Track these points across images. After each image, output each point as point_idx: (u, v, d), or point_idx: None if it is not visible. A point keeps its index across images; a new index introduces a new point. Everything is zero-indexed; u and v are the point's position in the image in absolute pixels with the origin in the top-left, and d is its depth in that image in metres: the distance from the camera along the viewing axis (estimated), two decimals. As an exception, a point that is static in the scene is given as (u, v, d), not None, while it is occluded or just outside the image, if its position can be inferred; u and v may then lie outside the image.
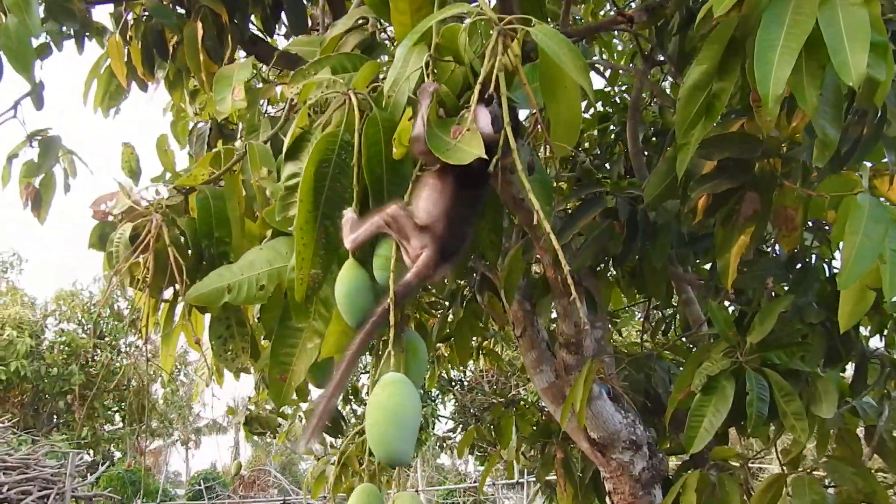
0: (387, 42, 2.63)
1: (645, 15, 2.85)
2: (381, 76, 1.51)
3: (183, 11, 2.87)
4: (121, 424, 20.60)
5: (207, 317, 1.87)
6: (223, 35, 2.69)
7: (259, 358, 1.87)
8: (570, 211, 3.06)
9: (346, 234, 1.39)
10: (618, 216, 2.76)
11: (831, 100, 1.61)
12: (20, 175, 3.35)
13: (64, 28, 3.99)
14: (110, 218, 1.82)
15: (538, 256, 3.34)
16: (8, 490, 8.39)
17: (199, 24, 2.64)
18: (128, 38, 3.02)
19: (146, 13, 2.90)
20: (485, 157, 1.25)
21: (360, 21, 1.74)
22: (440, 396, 14.19)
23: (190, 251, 1.81)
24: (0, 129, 3.79)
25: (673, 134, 2.23)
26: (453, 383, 13.65)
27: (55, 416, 18.45)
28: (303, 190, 1.36)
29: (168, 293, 1.88)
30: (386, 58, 1.78)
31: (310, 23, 3.31)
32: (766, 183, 2.12)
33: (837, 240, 1.84)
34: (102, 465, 15.61)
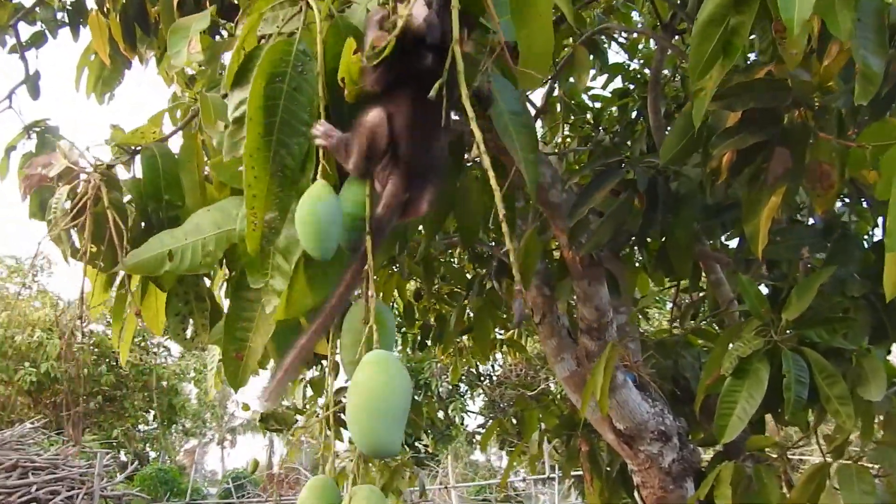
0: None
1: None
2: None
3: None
4: (154, 424, 20.77)
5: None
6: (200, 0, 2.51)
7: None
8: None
9: (344, 159, 1.20)
10: (636, 188, 2.53)
11: (872, 25, 1.38)
12: (18, 167, 3.24)
13: (59, 15, 3.87)
14: (50, 183, 1.65)
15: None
16: (37, 490, 8.40)
17: (172, -13, 2.47)
18: (105, 11, 2.85)
19: (121, -18, 2.73)
20: (421, 27, 1.08)
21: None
22: (469, 391, 14.01)
23: (135, 216, 1.64)
24: (-6, 119, 3.70)
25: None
26: (482, 378, 13.47)
27: (86, 417, 18.64)
28: (251, 107, 1.14)
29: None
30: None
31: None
32: (798, 136, 1.86)
33: (882, 197, 1.59)
34: (136, 463, 15.69)
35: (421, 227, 2.45)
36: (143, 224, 1.67)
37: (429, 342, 5.47)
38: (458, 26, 1.08)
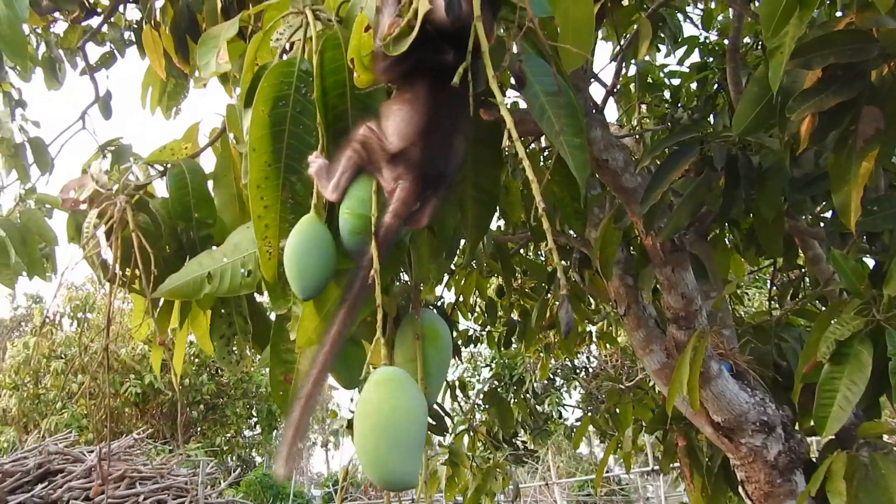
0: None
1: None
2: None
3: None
4: (258, 429, 21.31)
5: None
6: (244, 5, 2.47)
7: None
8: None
9: (324, 185, 1.10)
10: (714, 165, 2.36)
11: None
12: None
13: (125, 35, 3.95)
14: (83, 207, 1.62)
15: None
16: (144, 500, 8.66)
17: (217, -5, 2.43)
18: (153, 24, 2.85)
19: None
20: (443, 19, 0.96)
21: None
22: (564, 385, 13.78)
23: (165, 237, 1.59)
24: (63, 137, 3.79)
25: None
26: (577, 370, 13.23)
27: (191, 426, 19.26)
28: (253, 137, 1.08)
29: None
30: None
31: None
32: (888, 92, 1.66)
33: None
34: (237, 471, 16.10)
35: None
36: (175, 245, 1.62)
37: (514, 339, 5.36)
38: (479, 1, 0.96)
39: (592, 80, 4.42)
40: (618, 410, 4.52)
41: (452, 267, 4.40)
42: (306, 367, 1.14)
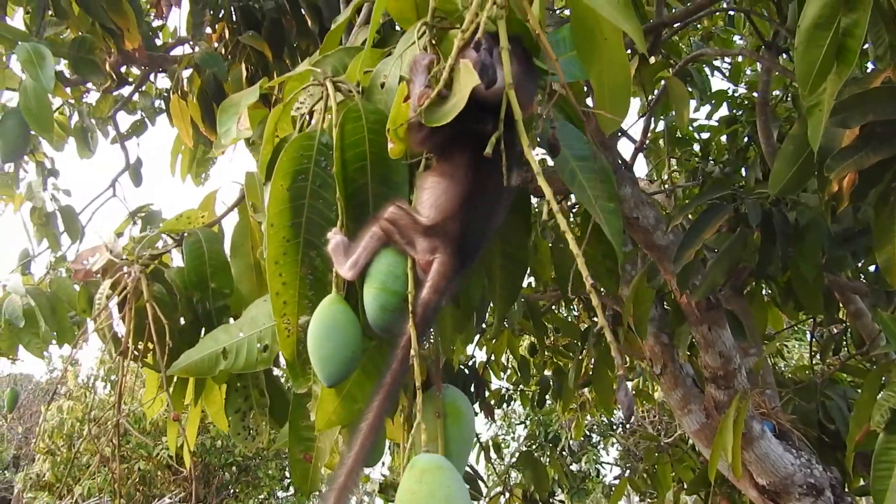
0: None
1: (750, -17, 2.42)
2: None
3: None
4: (291, 490, 21.07)
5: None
6: (269, 74, 2.50)
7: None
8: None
9: (341, 263, 1.06)
10: (749, 222, 2.30)
11: None
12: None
13: (156, 103, 4.03)
14: (97, 277, 1.60)
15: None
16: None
17: (243, 65, 2.47)
18: (180, 93, 2.89)
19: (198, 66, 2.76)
20: (486, 98, 0.93)
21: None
22: (601, 442, 13.48)
23: (181, 307, 1.55)
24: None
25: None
26: (615, 426, 12.95)
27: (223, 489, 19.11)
28: (272, 212, 1.05)
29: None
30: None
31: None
32: (931, 148, 1.61)
33: None
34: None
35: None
36: (190, 315, 1.59)
37: (548, 398, 5.26)
38: (508, 67, 0.92)
39: (621, 135, 4.41)
40: (656, 469, 4.38)
41: (483, 325, 4.35)
42: (341, 454, 1.09)
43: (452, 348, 1.29)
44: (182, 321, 1.55)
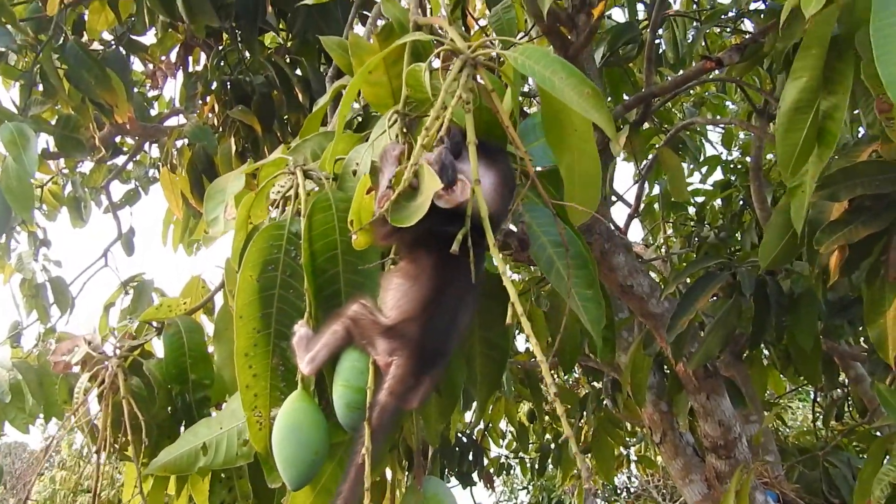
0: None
1: (736, 55, 2.44)
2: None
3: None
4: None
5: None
6: (259, 148, 2.50)
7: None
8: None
9: (301, 357, 1.03)
10: (742, 290, 2.28)
11: None
12: (118, 323, 3.32)
13: (150, 172, 4.04)
14: (75, 369, 1.56)
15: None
16: None
17: (232, 139, 2.47)
18: (170, 166, 2.89)
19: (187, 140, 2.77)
20: (443, 199, 0.90)
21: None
22: (605, 507, 13.21)
23: (160, 401, 1.50)
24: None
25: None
26: (619, 491, 12.69)
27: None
28: (241, 303, 1.03)
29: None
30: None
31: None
32: (921, 222, 1.59)
33: None
34: None
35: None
36: (169, 409, 1.54)
37: (549, 463, 5.17)
38: (475, 163, 0.90)
39: (616, 200, 4.42)
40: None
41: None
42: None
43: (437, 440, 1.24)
44: (161, 415, 1.51)
